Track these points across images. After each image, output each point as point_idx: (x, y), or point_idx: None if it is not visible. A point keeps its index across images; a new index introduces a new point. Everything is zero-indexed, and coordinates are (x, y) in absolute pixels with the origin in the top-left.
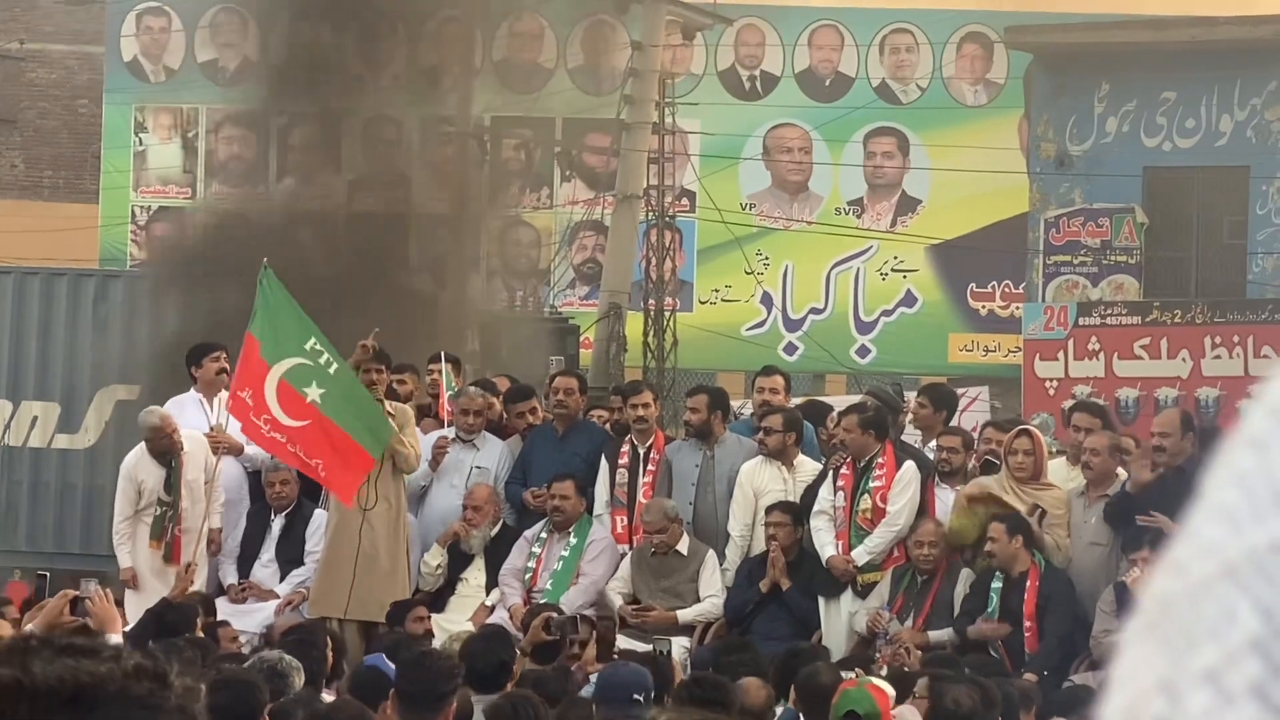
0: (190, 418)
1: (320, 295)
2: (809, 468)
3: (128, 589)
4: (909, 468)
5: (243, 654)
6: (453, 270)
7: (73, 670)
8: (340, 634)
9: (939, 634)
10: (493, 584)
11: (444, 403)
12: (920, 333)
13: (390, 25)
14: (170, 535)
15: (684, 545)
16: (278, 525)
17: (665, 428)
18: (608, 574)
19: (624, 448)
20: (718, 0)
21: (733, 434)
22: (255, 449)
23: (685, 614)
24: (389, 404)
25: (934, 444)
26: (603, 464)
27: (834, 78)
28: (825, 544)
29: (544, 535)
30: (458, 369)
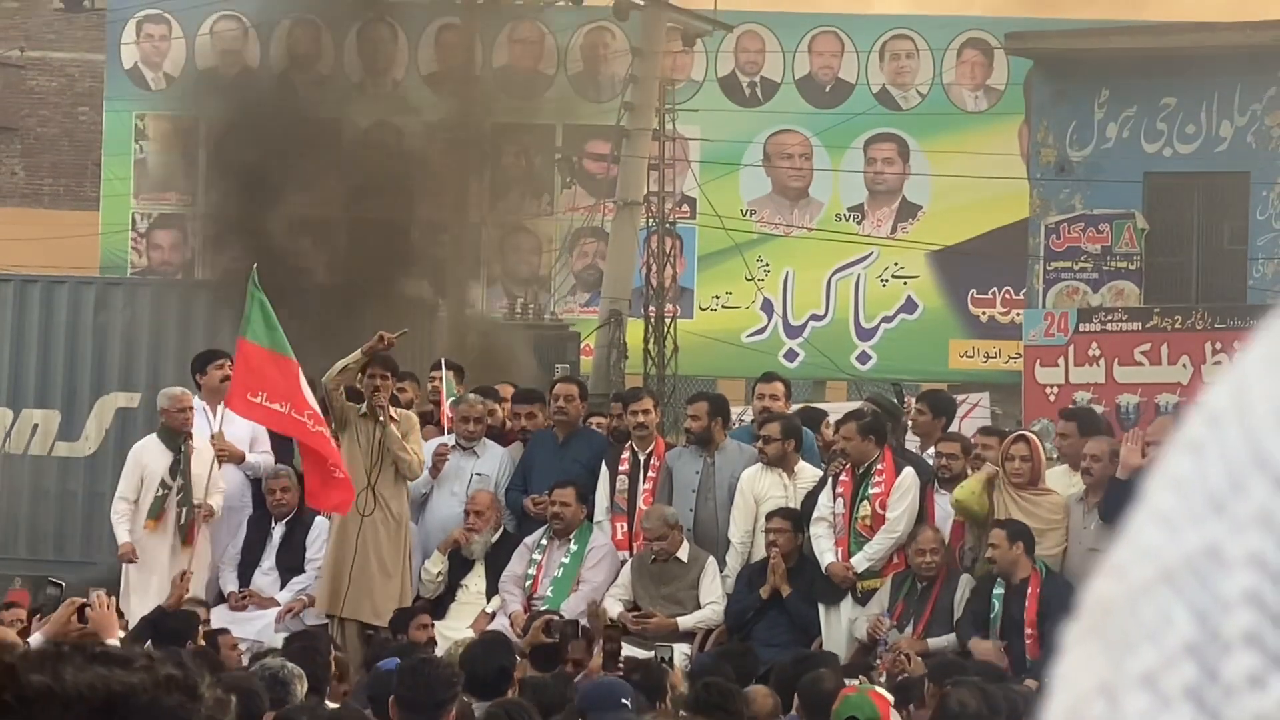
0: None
1: (320, 302)
2: (809, 474)
3: (126, 564)
4: (908, 474)
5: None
6: (453, 277)
7: (104, 679)
8: (341, 638)
9: (939, 641)
10: (493, 591)
11: (445, 410)
12: (921, 339)
13: (391, 31)
14: (185, 519)
15: (684, 552)
16: (278, 533)
17: (665, 434)
18: (608, 581)
19: (624, 454)
20: (718, 6)
21: (733, 441)
22: (257, 457)
23: (686, 621)
24: (393, 410)
25: (932, 450)
26: (603, 471)
27: (834, 84)
28: (825, 551)
29: (544, 542)
30: (460, 376)
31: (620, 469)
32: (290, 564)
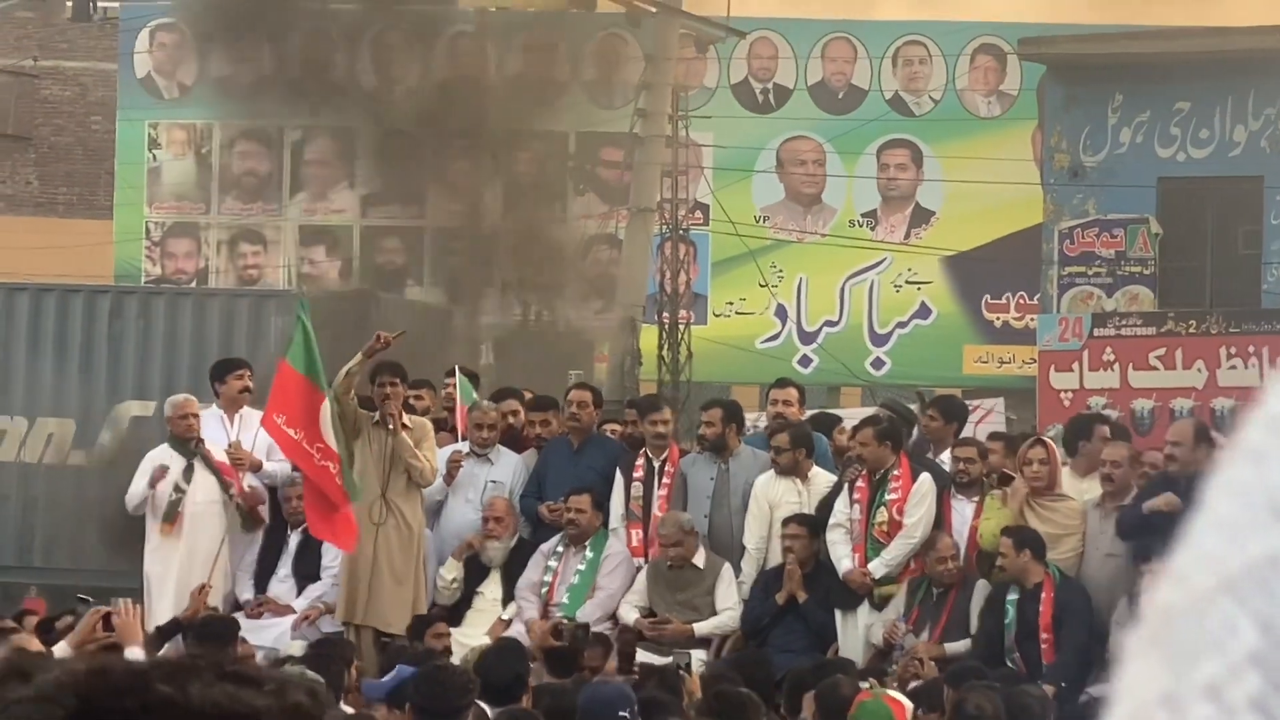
0: (210, 432)
1: (336, 311)
2: (823, 479)
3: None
4: (925, 480)
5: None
6: (468, 284)
7: (231, 697)
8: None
9: (955, 646)
10: (509, 598)
11: (460, 416)
12: (935, 345)
13: (405, 40)
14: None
15: (700, 558)
16: (294, 541)
17: (680, 441)
18: (624, 587)
19: (639, 461)
20: (731, 13)
21: (748, 447)
22: (274, 465)
23: (702, 627)
24: (407, 418)
25: (946, 455)
26: (618, 478)
27: (847, 90)
28: (842, 557)
29: (560, 549)
30: (476, 384)
31: (635, 476)
32: (306, 572)
